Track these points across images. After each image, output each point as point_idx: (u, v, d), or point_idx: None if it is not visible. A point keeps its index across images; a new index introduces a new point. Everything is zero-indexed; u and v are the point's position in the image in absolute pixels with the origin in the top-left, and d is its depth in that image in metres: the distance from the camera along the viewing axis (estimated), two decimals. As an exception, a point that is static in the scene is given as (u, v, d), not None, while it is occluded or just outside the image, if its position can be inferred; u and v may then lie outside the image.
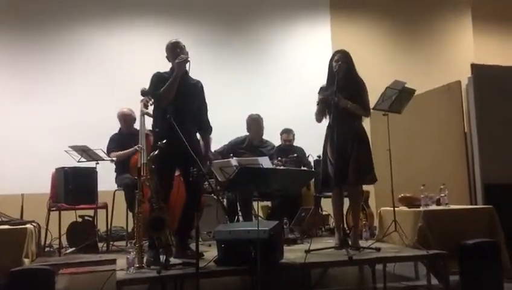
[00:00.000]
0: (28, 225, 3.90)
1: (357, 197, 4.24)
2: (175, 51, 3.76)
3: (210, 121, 4.03)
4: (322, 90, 4.20)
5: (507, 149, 4.76)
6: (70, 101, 6.63)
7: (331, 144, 4.05)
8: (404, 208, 4.29)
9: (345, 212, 4.52)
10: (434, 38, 8.37)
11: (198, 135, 4.04)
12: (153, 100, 3.82)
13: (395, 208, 4.20)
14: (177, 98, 3.66)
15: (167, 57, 3.86)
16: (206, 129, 4.01)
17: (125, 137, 5.05)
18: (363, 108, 4.09)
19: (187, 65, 3.68)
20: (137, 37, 7.04)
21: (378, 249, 3.82)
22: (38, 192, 5.04)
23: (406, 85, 4.18)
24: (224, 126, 6.11)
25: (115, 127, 5.21)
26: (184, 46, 3.83)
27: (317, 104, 4.11)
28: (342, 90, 4.01)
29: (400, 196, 4.34)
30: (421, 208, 4.13)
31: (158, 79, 3.75)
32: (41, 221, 4.43)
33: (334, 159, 3.96)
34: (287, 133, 5.94)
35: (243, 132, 5.51)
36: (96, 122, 6.11)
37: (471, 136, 4.85)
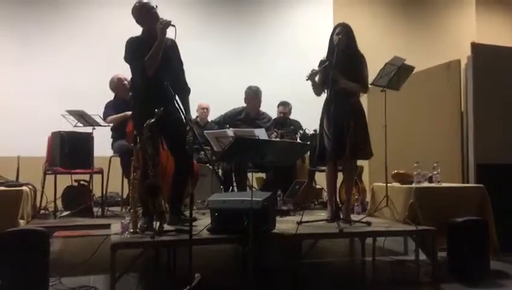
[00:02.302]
0: (23, 187, 3.93)
1: (351, 172, 4.28)
2: (150, 13, 3.59)
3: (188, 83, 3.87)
4: (321, 63, 4.18)
5: (501, 130, 4.79)
6: (68, 66, 6.62)
7: (327, 117, 4.06)
8: (397, 184, 4.33)
9: (338, 187, 4.57)
10: (436, 15, 8.30)
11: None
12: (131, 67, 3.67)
13: (388, 184, 4.24)
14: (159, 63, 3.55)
15: (138, 21, 3.67)
16: (185, 90, 3.84)
17: (121, 103, 5.04)
18: (361, 84, 4.08)
19: (171, 30, 3.48)
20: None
21: (369, 223, 3.88)
22: (34, 155, 5.06)
23: (405, 62, 4.17)
24: (222, 96, 6.15)
25: (111, 92, 5.20)
26: (156, 6, 3.63)
27: (307, 79, 4.08)
28: (342, 65, 3.99)
29: (393, 172, 4.38)
30: (413, 185, 4.17)
31: (134, 44, 3.61)
32: (36, 184, 4.47)
33: (331, 133, 3.97)
34: (284, 106, 5.94)
35: (240, 102, 5.50)
36: (94, 88, 6.08)
37: (467, 116, 4.87)
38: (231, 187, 5.15)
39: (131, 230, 3.30)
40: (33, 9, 6.71)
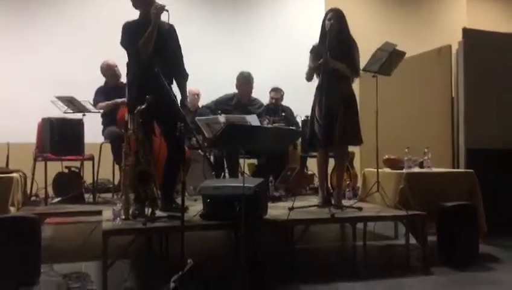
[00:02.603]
0: (14, 174, 3.90)
1: (342, 158, 4.29)
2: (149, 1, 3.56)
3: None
4: (314, 49, 4.17)
5: (492, 115, 4.82)
6: (58, 51, 6.54)
7: (319, 104, 4.06)
8: (388, 170, 4.36)
9: (329, 172, 4.58)
10: (427, 1, 8.28)
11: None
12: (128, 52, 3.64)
13: (379, 170, 4.27)
14: (152, 48, 3.53)
15: (134, 5, 3.65)
16: (183, 76, 3.82)
17: (111, 90, 5.00)
18: (353, 69, 4.08)
19: (164, 15, 3.48)
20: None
21: (360, 209, 3.91)
22: (24, 141, 5.02)
23: (396, 47, 4.17)
24: (213, 82, 6.12)
25: (101, 77, 5.15)
26: None
27: (309, 68, 4.08)
28: (333, 50, 3.97)
29: (384, 158, 4.41)
30: (404, 170, 4.20)
31: (130, 28, 3.59)
32: (27, 170, 4.44)
33: (322, 120, 3.97)
34: (276, 92, 5.92)
35: (231, 88, 5.48)
36: (85, 74, 6.01)
37: (458, 101, 4.89)
38: (223, 173, 5.16)
39: (123, 217, 3.30)
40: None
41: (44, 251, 3.34)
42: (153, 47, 3.52)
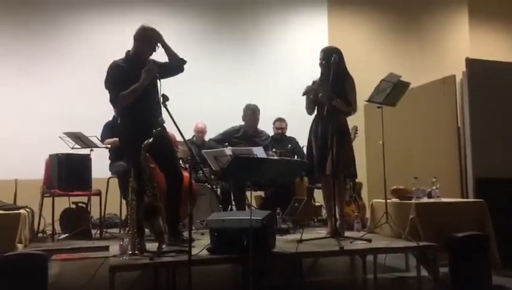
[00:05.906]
0: (21, 210, 3.91)
1: (339, 192, 4.20)
2: (150, 42, 3.72)
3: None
4: (314, 84, 4.27)
5: (499, 144, 4.80)
6: (66, 88, 6.63)
7: (314, 135, 4.15)
8: (396, 200, 4.33)
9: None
10: (430, 32, 8.39)
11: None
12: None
13: (387, 200, 4.23)
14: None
15: (135, 36, 3.76)
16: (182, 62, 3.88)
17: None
18: (350, 106, 4.14)
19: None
20: (132, 26, 6.98)
21: (369, 240, 3.86)
22: (31, 178, 5.04)
23: (401, 78, 4.20)
24: (218, 115, 6.17)
25: (109, 113, 5.20)
26: (160, 36, 3.73)
27: (304, 94, 4.19)
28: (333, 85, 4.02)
29: (392, 188, 4.37)
30: (413, 201, 4.16)
31: (116, 71, 3.68)
32: (34, 207, 4.44)
33: (315, 151, 4.05)
34: (280, 122, 5.96)
35: (236, 120, 5.51)
36: (91, 110, 6.08)
37: (464, 131, 4.88)
38: (230, 206, 5.13)
39: (130, 252, 3.28)
40: (32, 31, 6.75)
41: (51, 288, 3.30)
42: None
